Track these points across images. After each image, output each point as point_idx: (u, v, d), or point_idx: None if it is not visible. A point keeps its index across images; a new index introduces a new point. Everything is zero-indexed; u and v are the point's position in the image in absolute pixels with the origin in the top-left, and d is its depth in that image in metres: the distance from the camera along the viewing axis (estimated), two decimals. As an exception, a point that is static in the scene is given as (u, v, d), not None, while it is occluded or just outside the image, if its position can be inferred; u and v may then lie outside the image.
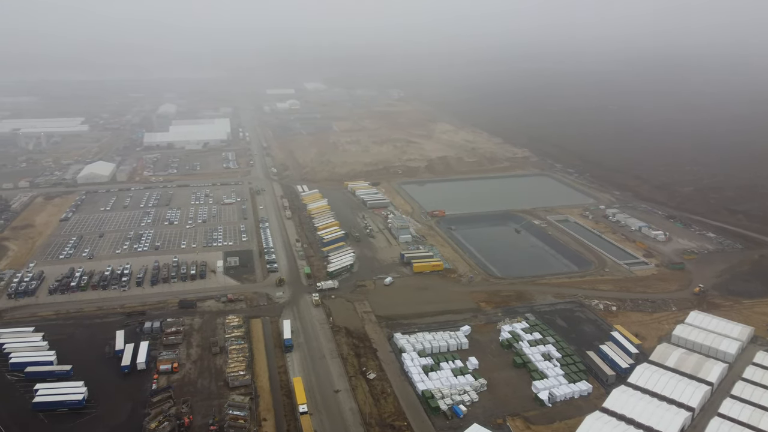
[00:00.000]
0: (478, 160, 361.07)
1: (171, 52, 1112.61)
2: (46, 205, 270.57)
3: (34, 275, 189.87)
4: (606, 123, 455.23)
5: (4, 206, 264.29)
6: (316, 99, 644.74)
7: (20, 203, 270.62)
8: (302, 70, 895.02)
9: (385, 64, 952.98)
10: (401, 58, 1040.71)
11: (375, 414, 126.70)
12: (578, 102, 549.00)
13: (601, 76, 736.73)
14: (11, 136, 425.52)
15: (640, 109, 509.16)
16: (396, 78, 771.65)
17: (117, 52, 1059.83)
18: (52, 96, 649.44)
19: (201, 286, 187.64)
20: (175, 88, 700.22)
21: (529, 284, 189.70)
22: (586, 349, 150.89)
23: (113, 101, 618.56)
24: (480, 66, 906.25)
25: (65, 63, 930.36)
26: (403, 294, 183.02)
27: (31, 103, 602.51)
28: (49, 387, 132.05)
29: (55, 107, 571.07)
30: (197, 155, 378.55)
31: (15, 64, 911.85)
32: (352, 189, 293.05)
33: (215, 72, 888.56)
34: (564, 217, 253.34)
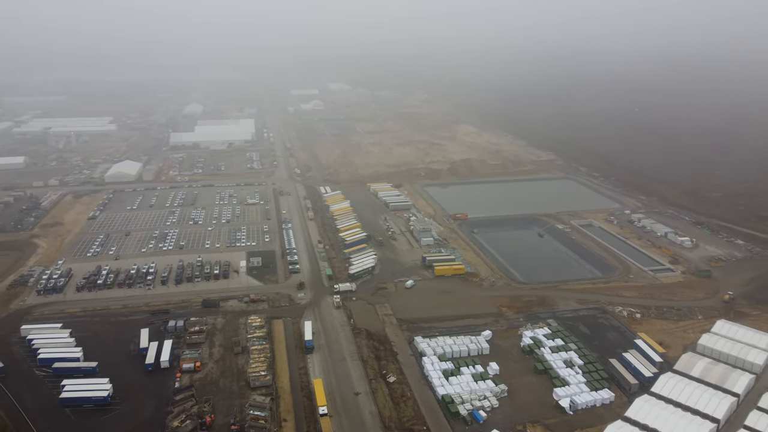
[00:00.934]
0: (502, 163, 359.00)
1: (197, 52, 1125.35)
2: (75, 204, 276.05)
3: (62, 272, 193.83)
4: (631, 126, 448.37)
5: (34, 204, 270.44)
6: (340, 100, 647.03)
7: (50, 201, 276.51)
8: (326, 71, 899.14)
9: (409, 64, 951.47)
10: (423, 58, 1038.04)
11: (394, 418, 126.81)
12: (603, 104, 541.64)
13: (621, 77, 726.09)
14: (42, 135, 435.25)
15: (665, 111, 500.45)
16: (420, 78, 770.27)
17: (144, 52, 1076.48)
18: (81, 96, 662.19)
19: (224, 286, 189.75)
20: (201, 89, 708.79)
21: (551, 289, 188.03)
22: (608, 356, 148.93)
23: (141, 101, 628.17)
24: (502, 67, 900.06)
25: (95, 63, 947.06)
26: (424, 297, 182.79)
27: (61, 103, 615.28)
28: (75, 383, 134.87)
29: (84, 107, 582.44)
30: (222, 155, 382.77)
31: (47, 64, 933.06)
32: (375, 191, 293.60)
33: (241, 72, 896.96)
34: (588, 222, 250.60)
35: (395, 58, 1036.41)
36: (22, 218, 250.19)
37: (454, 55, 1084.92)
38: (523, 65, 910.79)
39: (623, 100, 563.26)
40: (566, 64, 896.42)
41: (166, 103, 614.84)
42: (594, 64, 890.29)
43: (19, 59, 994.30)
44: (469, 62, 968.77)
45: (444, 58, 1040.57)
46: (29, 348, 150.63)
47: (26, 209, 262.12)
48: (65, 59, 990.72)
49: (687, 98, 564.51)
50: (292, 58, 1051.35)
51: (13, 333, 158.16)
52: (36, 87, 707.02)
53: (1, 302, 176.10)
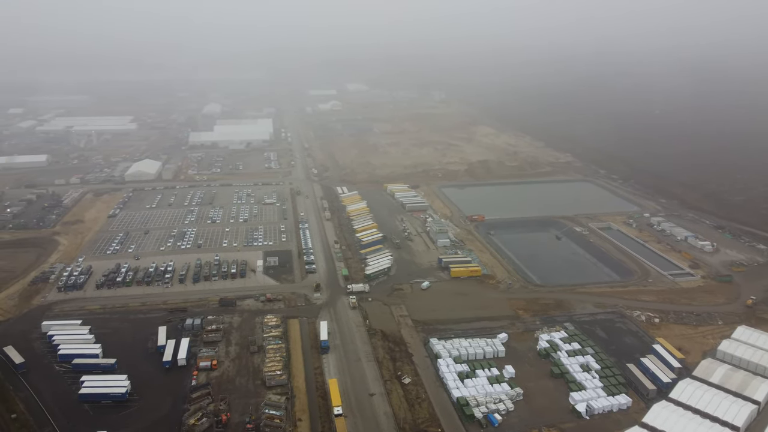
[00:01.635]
0: (520, 165, 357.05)
1: (217, 52, 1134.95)
2: (96, 202, 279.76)
3: (82, 270, 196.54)
4: (652, 127, 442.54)
5: (56, 202, 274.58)
6: (358, 100, 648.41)
7: (71, 199, 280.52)
8: (344, 71, 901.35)
9: (425, 65, 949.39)
10: (440, 59, 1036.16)
11: (409, 419, 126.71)
12: (622, 105, 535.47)
13: (638, 78, 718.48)
14: (64, 134, 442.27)
15: (686, 113, 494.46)
16: (437, 79, 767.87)
17: (165, 52, 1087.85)
18: (103, 95, 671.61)
19: (241, 285, 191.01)
20: (220, 88, 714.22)
21: (568, 293, 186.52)
22: (626, 361, 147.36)
23: (161, 101, 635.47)
24: (518, 68, 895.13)
25: (117, 64, 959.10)
26: (440, 299, 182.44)
27: (83, 102, 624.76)
28: (94, 379, 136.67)
29: (106, 106, 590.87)
30: (240, 155, 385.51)
31: (70, 64, 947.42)
32: (392, 191, 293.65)
33: (259, 72, 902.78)
34: (606, 225, 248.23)
35: (410, 59, 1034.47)
36: (44, 216, 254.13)
37: (470, 55, 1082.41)
38: (538, 66, 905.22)
39: (642, 101, 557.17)
40: (582, 65, 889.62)
41: (186, 103, 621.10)
42: (608, 64, 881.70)
43: (41, 60, 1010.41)
44: (484, 63, 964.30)
45: (460, 58, 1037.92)
46: (50, 344, 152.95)
47: (48, 207, 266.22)
48: (88, 60, 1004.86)
49: (707, 99, 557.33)
50: (311, 59, 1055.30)
51: (34, 329, 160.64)
52: (59, 87, 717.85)
53: (23, 298, 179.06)
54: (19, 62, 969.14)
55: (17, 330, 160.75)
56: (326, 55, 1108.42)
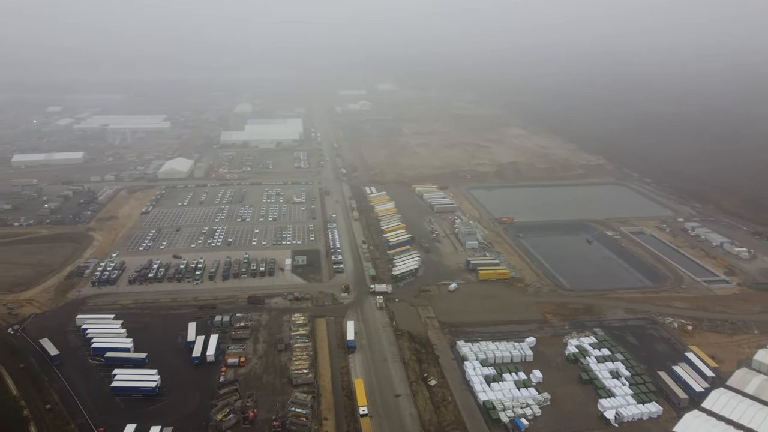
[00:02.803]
0: (551, 167, 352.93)
1: (250, 52, 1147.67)
2: (129, 199, 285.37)
3: (116, 265, 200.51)
4: (687, 130, 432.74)
5: (91, 198, 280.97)
6: (388, 100, 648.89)
7: (106, 196, 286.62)
8: (375, 70, 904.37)
9: (456, 64, 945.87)
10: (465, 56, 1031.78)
11: (434, 421, 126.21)
12: (657, 107, 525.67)
13: (671, 78, 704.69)
14: (100, 132, 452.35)
15: (722, 114, 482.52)
16: (469, 79, 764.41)
17: (198, 52, 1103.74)
18: (138, 94, 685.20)
19: (269, 283, 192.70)
20: (252, 88, 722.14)
21: (599, 298, 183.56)
22: (657, 369, 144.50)
23: (194, 100, 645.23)
24: (544, 66, 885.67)
25: (153, 63, 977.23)
26: (467, 301, 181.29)
27: (119, 101, 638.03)
28: (125, 373, 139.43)
29: (140, 105, 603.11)
30: (270, 154, 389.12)
31: (108, 63, 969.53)
32: (420, 192, 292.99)
33: (291, 72, 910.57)
34: (639, 229, 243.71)
35: (440, 58, 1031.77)
36: (79, 211, 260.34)
37: (478, 53, 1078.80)
38: (553, 65, 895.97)
39: (675, 102, 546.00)
40: (600, 65, 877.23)
41: (219, 102, 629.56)
42: (634, 64, 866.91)
43: (80, 59, 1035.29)
44: (495, 61, 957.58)
45: (471, 56, 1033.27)
46: (83, 337, 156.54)
47: (84, 203, 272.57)
48: (125, 59, 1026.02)
49: (741, 99, 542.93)
50: (342, 58, 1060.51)
51: (69, 322, 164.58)
52: (96, 85, 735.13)
53: (59, 292, 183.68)
54: (58, 61, 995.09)
55: (53, 323, 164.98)
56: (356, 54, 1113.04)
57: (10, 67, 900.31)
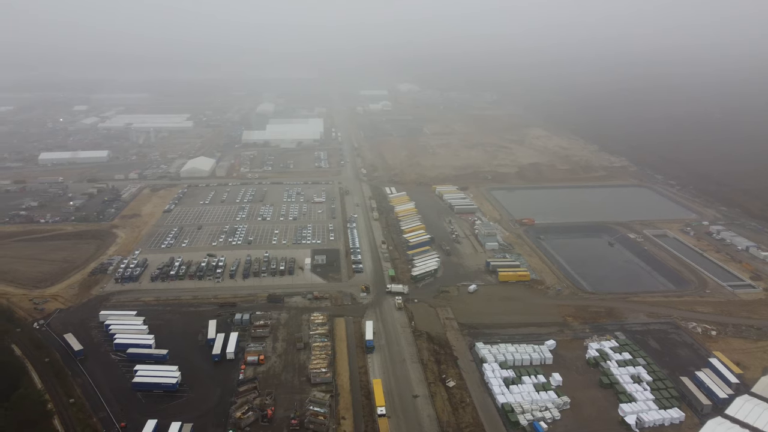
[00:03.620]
0: (572, 168, 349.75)
1: (272, 53, 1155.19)
2: (152, 197, 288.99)
3: (138, 262, 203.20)
4: (713, 131, 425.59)
5: (115, 196, 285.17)
6: (409, 100, 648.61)
7: (129, 194, 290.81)
8: (396, 70, 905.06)
9: (476, 64, 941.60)
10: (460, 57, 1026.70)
11: (453, 423, 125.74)
12: (677, 107, 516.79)
13: (695, 79, 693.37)
14: (124, 131, 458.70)
15: (748, 115, 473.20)
16: (490, 80, 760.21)
17: (221, 52, 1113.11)
18: (162, 93, 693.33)
19: (289, 282, 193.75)
20: (274, 88, 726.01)
21: (620, 301, 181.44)
22: (680, 374, 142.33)
23: (217, 99, 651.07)
24: (563, 67, 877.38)
25: (175, 64, 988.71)
26: (486, 303, 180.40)
27: (143, 100, 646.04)
28: (147, 369, 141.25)
29: (164, 104, 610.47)
30: (291, 154, 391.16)
31: (134, 63, 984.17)
32: (440, 193, 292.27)
33: (312, 72, 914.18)
34: (662, 232, 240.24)
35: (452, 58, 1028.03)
36: (104, 209, 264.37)
37: (487, 54, 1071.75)
38: (582, 65, 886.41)
39: (699, 102, 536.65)
40: (626, 64, 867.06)
41: (241, 102, 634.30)
42: (654, 65, 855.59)
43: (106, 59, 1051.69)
44: (526, 62, 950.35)
45: (480, 57, 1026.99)
46: (106, 333, 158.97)
47: (108, 201, 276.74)
48: (151, 60, 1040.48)
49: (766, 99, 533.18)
50: (363, 59, 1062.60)
51: (92, 318, 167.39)
52: (121, 85, 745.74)
53: (83, 288, 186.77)
54: (85, 62, 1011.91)
55: (77, 318, 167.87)
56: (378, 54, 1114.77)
57: (39, 67, 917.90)
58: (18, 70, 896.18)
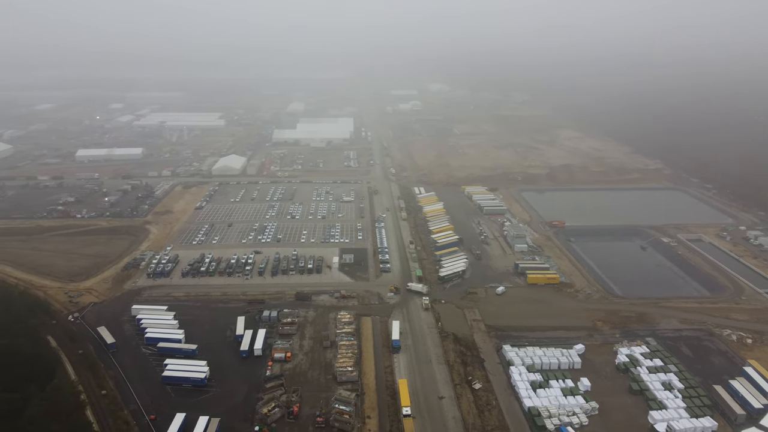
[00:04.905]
0: (605, 170, 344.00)
1: (302, 54, 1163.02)
2: (184, 194, 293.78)
3: (170, 258, 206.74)
4: (753, 133, 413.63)
5: (149, 193, 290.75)
6: (439, 101, 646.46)
7: (162, 191, 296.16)
8: (427, 70, 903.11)
9: (506, 63, 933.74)
10: (518, 57, 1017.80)
11: (478, 425, 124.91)
12: (718, 109, 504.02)
13: (729, 78, 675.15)
14: (158, 129, 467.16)
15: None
16: (521, 80, 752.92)
17: (254, 56, 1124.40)
18: (195, 92, 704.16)
19: (316, 280, 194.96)
20: (304, 88, 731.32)
21: (652, 306, 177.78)
22: (713, 382, 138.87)
23: (248, 98, 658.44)
24: (589, 67, 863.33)
25: (208, 64, 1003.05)
26: (514, 305, 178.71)
27: (177, 98, 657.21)
28: (176, 363, 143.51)
29: (197, 103, 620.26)
30: (321, 153, 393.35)
31: (165, 63, 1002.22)
32: (469, 193, 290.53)
33: (343, 72, 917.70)
34: (697, 237, 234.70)
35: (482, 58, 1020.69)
36: (137, 205, 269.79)
37: (499, 54, 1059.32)
38: (613, 65, 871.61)
39: (734, 103, 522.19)
40: (657, 65, 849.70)
41: (272, 101, 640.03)
42: (684, 64, 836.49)
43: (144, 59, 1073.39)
44: (557, 62, 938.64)
45: (532, 56, 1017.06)
46: (138, 327, 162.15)
47: (141, 197, 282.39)
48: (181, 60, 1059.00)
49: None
50: (393, 59, 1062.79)
51: (125, 311, 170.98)
52: (156, 84, 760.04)
53: (116, 282, 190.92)
54: (122, 61, 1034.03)
55: (110, 312, 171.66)
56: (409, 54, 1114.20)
57: (77, 66, 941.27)
58: (58, 69, 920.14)
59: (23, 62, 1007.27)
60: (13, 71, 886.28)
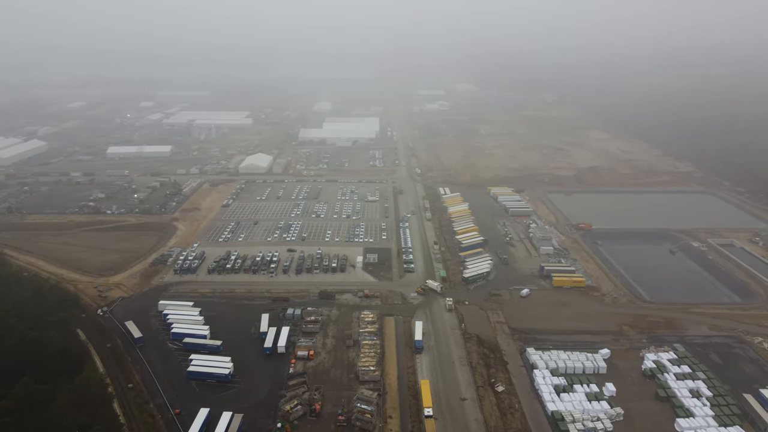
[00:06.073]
0: (634, 173, 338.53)
1: (330, 54, 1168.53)
2: (211, 191, 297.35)
3: (196, 255, 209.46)
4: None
5: (177, 190, 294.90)
6: (465, 101, 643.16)
7: (190, 188, 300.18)
8: (453, 70, 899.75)
9: (533, 64, 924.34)
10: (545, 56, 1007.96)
11: (500, 428, 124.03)
12: (753, 111, 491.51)
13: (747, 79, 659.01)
14: (187, 127, 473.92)
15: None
16: (549, 80, 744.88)
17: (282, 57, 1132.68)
18: (223, 91, 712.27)
19: (340, 279, 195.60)
20: (331, 87, 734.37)
21: (680, 311, 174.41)
22: (743, 391, 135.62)
23: (275, 97, 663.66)
24: (630, 67, 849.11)
25: (236, 63, 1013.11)
26: (539, 307, 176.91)
27: (205, 97, 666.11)
28: (201, 359, 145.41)
29: (225, 101, 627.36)
30: (346, 152, 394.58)
31: (195, 62, 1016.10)
32: (495, 194, 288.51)
33: (370, 72, 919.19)
34: (728, 241, 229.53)
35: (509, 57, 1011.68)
36: (165, 202, 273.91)
37: (571, 52, 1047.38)
38: (643, 65, 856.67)
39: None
40: (688, 65, 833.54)
41: (298, 100, 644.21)
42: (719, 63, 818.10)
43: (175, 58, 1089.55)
44: (586, 61, 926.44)
45: (560, 56, 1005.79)
46: (164, 322, 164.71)
47: (169, 194, 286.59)
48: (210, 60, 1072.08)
49: None
50: (421, 58, 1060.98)
51: (152, 307, 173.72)
52: (186, 83, 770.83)
53: (144, 278, 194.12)
54: (153, 60, 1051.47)
55: (137, 306, 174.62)
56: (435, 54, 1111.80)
57: (109, 66, 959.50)
58: (90, 68, 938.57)
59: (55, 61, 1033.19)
60: (47, 70, 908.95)
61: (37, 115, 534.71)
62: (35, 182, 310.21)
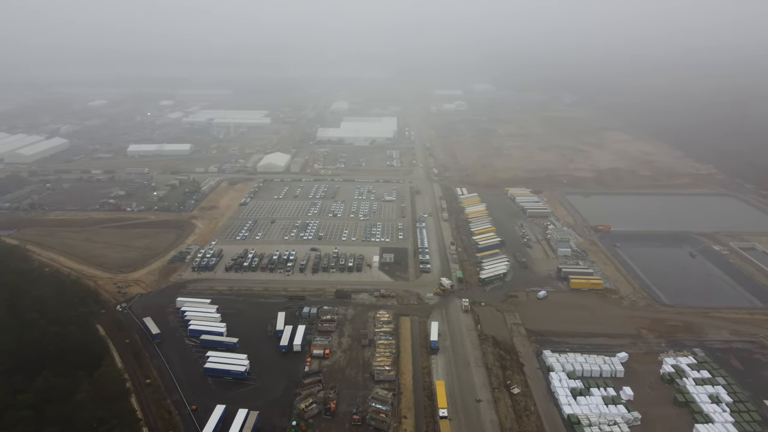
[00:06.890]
0: (654, 175, 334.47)
1: (347, 54, 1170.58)
2: (229, 190, 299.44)
3: (214, 253, 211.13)
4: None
5: (195, 188, 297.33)
6: (483, 101, 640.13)
7: (209, 186, 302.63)
8: (471, 70, 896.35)
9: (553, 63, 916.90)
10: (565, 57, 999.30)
11: (516, 430, 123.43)
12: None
13: None
14: (206, 126, 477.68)
15: None
16: (568, 80, 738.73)
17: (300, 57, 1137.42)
18: (242, 90, 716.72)
19: (356, 279, 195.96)
20: (349, 86, 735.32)
21: (700, 316, 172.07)
22: (764, 397, 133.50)
23: (294, 96, 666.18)
24: (639, 65, 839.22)
25: (255, 63, 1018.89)
26: (556, 310, 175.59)
27: (224, 96, 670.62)
28: (218, 356, 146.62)
29: (244, 100, 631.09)
30: (364, 152, 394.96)
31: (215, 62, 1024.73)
32: (512, 195, 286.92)
33: (388, 71, 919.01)
34: (750, 245, 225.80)
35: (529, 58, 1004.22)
36: (184, 200, 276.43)
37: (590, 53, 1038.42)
38: (664, 65, 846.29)
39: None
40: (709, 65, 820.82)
41: (316, 100, 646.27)
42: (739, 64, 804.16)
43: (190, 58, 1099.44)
44: (605, 61, 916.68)
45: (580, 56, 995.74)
46: (182, 318, 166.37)
47: (188, 192, 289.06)
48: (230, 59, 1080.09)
49: None
50: (439, 59, 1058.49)
51: (170, 303, 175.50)
52: (205, 83, 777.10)
53: (163, 275, 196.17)
54: (174, 59, 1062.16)
55: (156, 303, 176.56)
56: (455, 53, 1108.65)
57: (132, 64, 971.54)
58: (111, 67, 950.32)
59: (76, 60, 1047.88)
60: (68, 69, 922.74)
61: (60, 113, 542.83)
62: (57, 179, 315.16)
